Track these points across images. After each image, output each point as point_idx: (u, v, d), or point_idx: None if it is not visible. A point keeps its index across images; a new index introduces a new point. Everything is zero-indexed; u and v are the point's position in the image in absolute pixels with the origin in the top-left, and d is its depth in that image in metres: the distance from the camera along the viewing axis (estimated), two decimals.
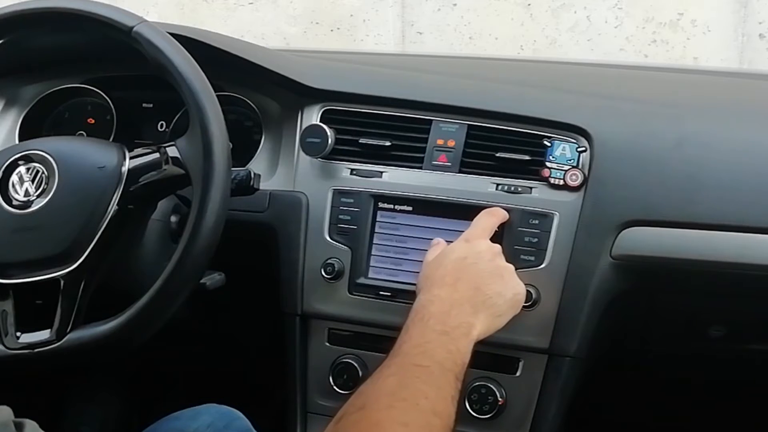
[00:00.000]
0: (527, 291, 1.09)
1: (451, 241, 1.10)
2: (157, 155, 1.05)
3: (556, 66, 1.75)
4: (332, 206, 1.19)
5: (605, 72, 1.61)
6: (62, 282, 1.00)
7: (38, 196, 1.02)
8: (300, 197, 1.21)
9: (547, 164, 1.14)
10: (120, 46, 1.04)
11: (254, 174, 1.10)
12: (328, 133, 1.20)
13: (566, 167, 1.13)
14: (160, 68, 1.03)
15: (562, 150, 1.14)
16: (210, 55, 1.16)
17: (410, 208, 1.17)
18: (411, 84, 1.27)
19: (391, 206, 1.17)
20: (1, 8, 1.07)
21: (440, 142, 1.19)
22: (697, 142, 1.14)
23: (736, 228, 1.08)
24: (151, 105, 1.37)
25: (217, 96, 1.03)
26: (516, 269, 1.10)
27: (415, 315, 0.95)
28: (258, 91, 1.30)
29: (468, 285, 0.99)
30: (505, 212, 1.11)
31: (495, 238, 1.11)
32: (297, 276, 1.19)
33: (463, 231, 1.12)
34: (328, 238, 1.18)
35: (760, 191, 1.10)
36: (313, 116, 1.25)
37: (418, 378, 0.85)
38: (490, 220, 1.09)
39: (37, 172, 1.03)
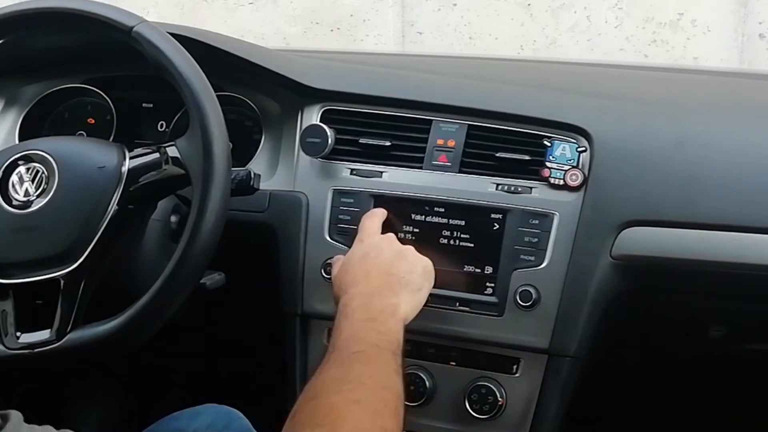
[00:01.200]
0: (527, 291, 1.10)
1: (451, 242, 1.10)
2: (157, 155, 1.05)
3: (556, 66, 1.75)
4: (332, 206, 1.19)
5: (605, 72, 1.61)
6: (62, 282, 1.00)
7: (38, 196, 1.02)
8: (300, 197, 1.21)
9: (547, 164, 1.13)
10: (120, 46, 1.04)
11: (254, 174, 1.10)
12: (328, 133, 1.20)
13: (566, 167, 1.13)
14: (160, 68, 1.03)
15: (562, 150, 1.14)
16: (210, 55, 1.16)
17: (410, 208, 1.17)
18: (411, 84, 1.27)
19: (391, 206, 1.17)
20: (1, 8, 1.07)
21: (440, 142, 1.19)
22: (697, 142, 1.14)
23: (736, 228, 1.08)
24: (151, 105, 1.37)
25: (217, 96, 1.03)
26: (516, 269, 1.10)
27: (340, 314, 0.97)
28: (258, 91, 1.30)
29: (379, 273, 1.02)
30: (384, 210, 1.15)
31: (494, 239, 1.11)
32: (297, 276, 1.19)
33: (461, 230, 1.13)
34: (328, 238, 1.18)
35: (760, 191, 1.10)
36: (313, 116, 1.25)
37: (358, 362, 0.88)
38: (373, 219, 1.13)
39: (37, 172, 1.03)
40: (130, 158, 1.05)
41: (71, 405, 1.69)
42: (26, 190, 1.03)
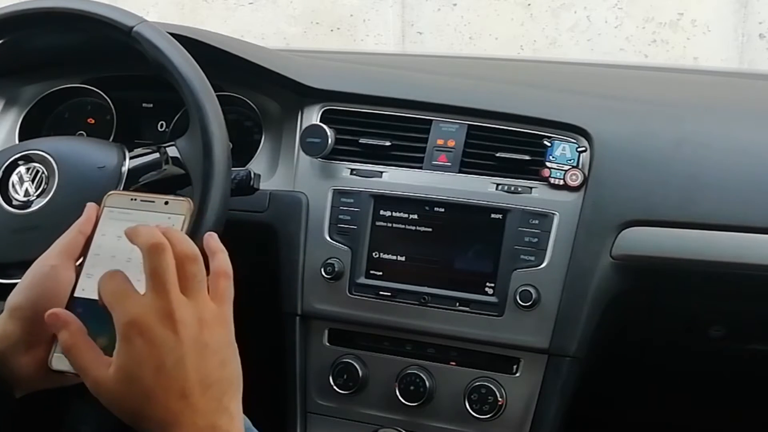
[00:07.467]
0: (527, 291, 1.10)
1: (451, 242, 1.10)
2: (157, 155, 1.05)
3: (556, 66, 1.75)
4: (332, 206, 1.19)
5: (605, 72, 1.61)
6: None
7: (38, 196, 1.02)
8: (300, 197, 1.21)
9: (547, 164, 1.14)
10: (120, 46, 1.04)
11: (254, 174, 1.10)
12: (328, 133, 1.20)
13: (566, 167, 1.13)
14: (160, 68, 1.03)
15: (562, 150, 1.14)
16: (210, 55, 1.16)
17: (410, 208, 1.17)
18: (411, 84, 1.26)
19: (391, 206, 1.17)
20: (1, 8, 1.07)
21: (440, 142, 1.19)
22: (697, 142, 1.14)
23: (736, 228, 1.08)
24: (151, 105, 1.37)
25: (217, 96, 1.03)
26: (516, 269, 1.11)
27: None
28: (258, 91, 1.30)
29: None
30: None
31: (495, 239, 1.12)
32: (297, 276, 1.19)
33: (461, 230, 1.14)
34: (328, 238, 1.18)
35: (760, 191, 1.10)
36: (313, 116, 1.25)
37: None
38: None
39: (37, 172, 1.03)
40: (130, 158, 1.05)
41: (71, 405, 1.69)
42: (26, 190, 1.03)
